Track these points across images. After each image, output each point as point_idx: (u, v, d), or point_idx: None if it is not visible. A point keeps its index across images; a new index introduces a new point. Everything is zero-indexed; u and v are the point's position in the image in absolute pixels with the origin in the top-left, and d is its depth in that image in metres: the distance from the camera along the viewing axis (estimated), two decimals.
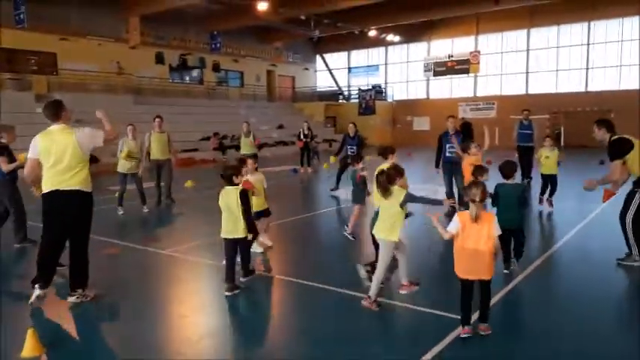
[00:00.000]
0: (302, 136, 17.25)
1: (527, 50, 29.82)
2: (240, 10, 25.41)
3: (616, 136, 5.71)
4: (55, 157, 4.63)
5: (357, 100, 33.28)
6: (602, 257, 6.16)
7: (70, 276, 4.91)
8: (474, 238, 3.91)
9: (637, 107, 22.74)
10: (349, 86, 37.61)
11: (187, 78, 30.29)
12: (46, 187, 4.70)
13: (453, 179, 8.76)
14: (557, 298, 5.08)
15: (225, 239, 5.16)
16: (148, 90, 26.34)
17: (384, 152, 6.18)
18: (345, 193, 10.50)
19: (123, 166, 9.51)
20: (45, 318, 4.65)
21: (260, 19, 25.52)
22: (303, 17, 25.94)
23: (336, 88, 37.54)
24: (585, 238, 7.36)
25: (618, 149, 5.57)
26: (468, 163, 7.26)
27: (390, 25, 29.54)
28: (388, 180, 4.49)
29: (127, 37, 25.03)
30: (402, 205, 4.50)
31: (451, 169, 8.74)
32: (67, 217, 4.73)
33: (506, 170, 5.52)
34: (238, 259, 5.28)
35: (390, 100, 35.16)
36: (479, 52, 30.11)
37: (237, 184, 5.18)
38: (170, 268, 6.23)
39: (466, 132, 11.59)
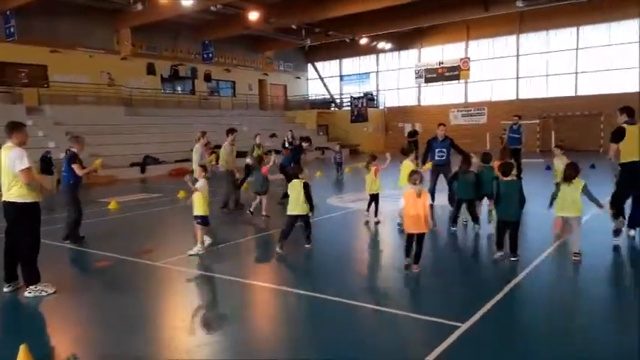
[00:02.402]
0: (287, 144, 17.17)
1: (517, 56, 30.06)
2: (232, 19, 25.49)
3: (620, 125, 6.97)
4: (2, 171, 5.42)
5: (349, 108, 33.37)
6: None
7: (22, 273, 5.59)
8: (416, 208, 5.76)
9: None
10: (341, 94, 37.72)
11: (179, 88, 30.27)
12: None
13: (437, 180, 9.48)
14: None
15: (290, 215, 7.05)
16: (140, 101, 26.29)
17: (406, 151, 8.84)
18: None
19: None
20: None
21: (251, 28, 25.60)
22: (294, 26, 26.04)
23: (328, 96, 37.65)
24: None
25: (612, 136, 7.04)
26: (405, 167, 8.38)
27: (380, 32, 29.71)
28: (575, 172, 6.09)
29: (118, 49, 25.02)
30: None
31: (438, 170, 9.45)
32: (7, 224, 5.51)
33: (505, 169, 6.31)
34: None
35: (381, 107, 35.28)
36: (469, 58, 30.33)
37: (301, 179, 7.01)
38: (163, 280, 6.17)
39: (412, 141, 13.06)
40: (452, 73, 30.35)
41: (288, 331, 4.61)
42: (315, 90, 38.51)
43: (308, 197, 6.94)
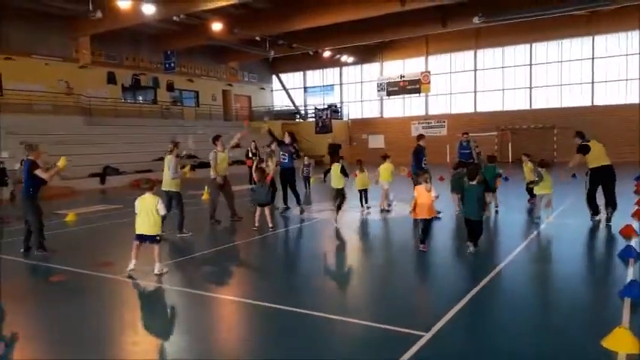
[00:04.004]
0: (250, 155, 17.28)
1: (475, 70, 31.08)
2: (195, 29, 25.32)
3: (583, 143, 9.30)
4: None
5: (313, 119, 33.59)
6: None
7: None
8: (424, 198, 7.30)
9: (578, 124, 24.06)
10: (305, 105, 37.94)
11: (141, 98, 29.74)
12: None
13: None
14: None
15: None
16: (100, 110, 25.65)
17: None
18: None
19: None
20: None
21: (215, 39, 25.49)
22: (258, 38, 26.10)
23: (293, 108, 37.79)
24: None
25: (580, 149, 9.27)
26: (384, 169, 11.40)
27: (343, 46, 30.17)
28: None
29: (77, 57, 24.40)
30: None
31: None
32: None
33: (471, 174, 7.27)
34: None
35: (345, 118, 35.69)
36: (429, 72, 31.14)
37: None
38: (122, 294, 6.06)
39: (334, 151, 15.55)
40: (413, 86, 31.07)
41: (246, 344, 4.57)
42: (279, 101, 38.58)
43: (344, 174, 9.97)
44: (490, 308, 5.26)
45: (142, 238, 6.59)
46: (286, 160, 11.46)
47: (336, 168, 10.03)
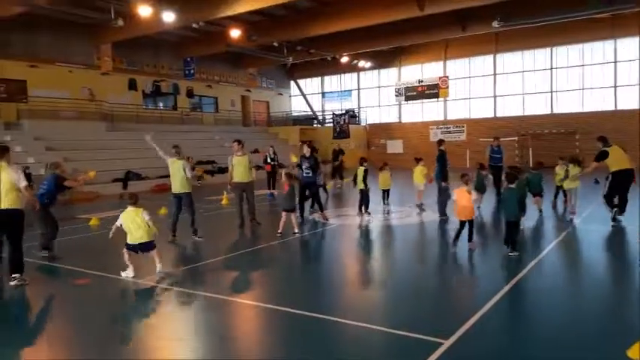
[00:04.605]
0: (268, 160, 17.50)
1: (494, 74, 30.81)
2: (213, 36, 25.64)
3: (602, 149, 9.56)
4: None
5: (331, 125, 33.65)
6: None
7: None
8: (464, 201, 7.61)
9: (600, 129, 23.68)
10: (323, 111, 38.03)
11: (161, 104, 30.18)
12: None
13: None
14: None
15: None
16: (121, 116, 26.11)
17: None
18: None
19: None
20: None
21: (233, 45, 25.76)
22: (275, 44, 26.29)
23: (311, 113, 37.92)
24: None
25: (597, 156, 9.64)
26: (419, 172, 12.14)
27: (361, 51, 30.21)
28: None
29: (99, 64, 24.89)
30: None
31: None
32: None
33: (510, 177, 7.50)
34: None
35: (363, 124, 35.67)
36: (447, 77, 30.97)
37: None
38: (144, 299, 6.15)
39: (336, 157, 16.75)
40: (431, 91, 30.92)
41: (265, 349, 4.60)
42: (297, 106, 38.75)
43: (364, 178, 11.01)
44: (512, 315, 5.21)
45: (138, 249, 6.88)
46: (310, 174, 11.17)
47: (360, 171, 11.09)
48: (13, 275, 6.56)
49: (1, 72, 21.57)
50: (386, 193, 12.72)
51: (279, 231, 9.41)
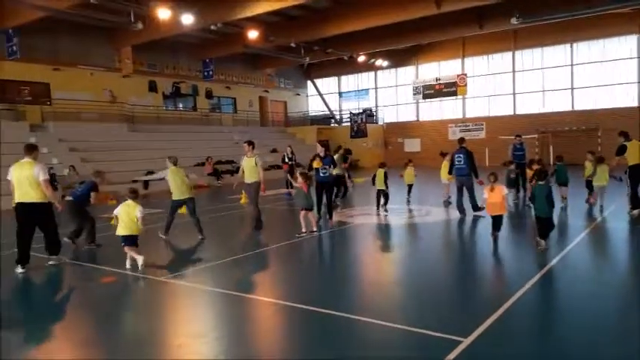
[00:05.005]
0: (286, 159, 17.60)
1: (514, 72, 30.44)
2: (231, 38, 25.89)
3: (622, 143, 10.11)
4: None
5: (348, 124, 33.66)
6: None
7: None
8: (495, 197, 8.13)
9: (621, 124, 23.25)
10: (340, 110, 38.06)
11: (181, 105, 30.58)
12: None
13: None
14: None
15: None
16: (142, 118, 26.55)
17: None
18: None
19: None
20: None
21: (251, 46, 25.97)
22: (293, 44, 26.42)
23: (328, 112, 37.98)
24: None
25: (617, 151, 10.25)
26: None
27: (378, 50, 30.15)
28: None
29: (119, 66, 25.34)
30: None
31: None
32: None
33: (541, 174, 7.68)
34: None
35: (380, 122, 35.60)
36: (465, 74, 30.73)
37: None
38: (166, 296, 6.28)
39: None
40: (449, 89, 30.74)
41: (286, 347, 4.67)
42: (314, 106, 38.86)
43: (384, 180, 11.80)
44: (533, 313, 5.18)
45: (122, 241, 7.33)
46: (327, 174, 10.80)
47: (380, 173, 11.91)
48: (51, 257, 7.55)
49: (26, 75, 22.13)
50: (410, 188, 13.78)
51: (302, 230, 9.42)
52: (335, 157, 15.72)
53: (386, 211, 11.83)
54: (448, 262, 7.70)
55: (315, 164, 10.90)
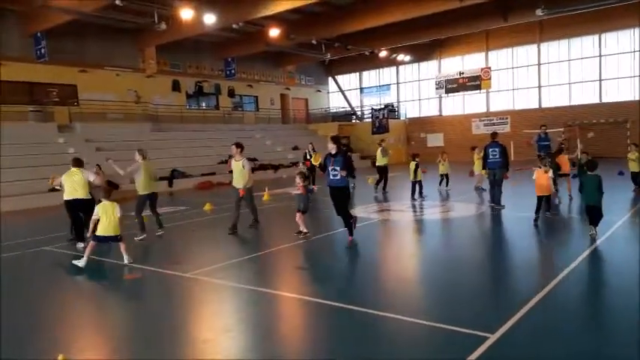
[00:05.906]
0: (308, 157, 17.64)
1: (539, 64, 29.84)
2: (253, 36, 26.04)
3: None
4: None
5: (370, 120, 33.52)
6: None
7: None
8: (542, 180, 9.15)
9: None
10: (362, 106, 37.93)
11: (204, 104, 30.92)
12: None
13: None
14: None
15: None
16: (166, 117, 26.95)
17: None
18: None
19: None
20: None
21: (272, 44, 26.07)
22: (313, 41, 26.42)
23: (349, 109, 37.90)
24: None
25: None
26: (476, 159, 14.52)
27: (399, 45, 29.91)
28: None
29: (143, 67, 25.75)
30: None
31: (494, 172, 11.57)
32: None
33: (591, 165, 8.07)
34: None
35: (402, 118, 35.36)
36: (489, 68, 30.25)
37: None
38: (192, 292, 6.37)
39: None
40: (473, 83, 30.30)
41: (311, 343, 4.68)
42: (335, 103, 38.81)
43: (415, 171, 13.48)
44: (561, 308, 5.06)
45: (106, 240, 7.58)
46: (337, 176, 8.19)
47: (412, 165, 13.42)
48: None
49: (54, 77, 22.68)
50: (445, 177, 15.33)
51: (302, 230, 9.13)
52: (377, 151, 15.84)
53: (422, 198, 13.41)
54: (475, 256, 7.61)
55: (314, 160, 8.62)
